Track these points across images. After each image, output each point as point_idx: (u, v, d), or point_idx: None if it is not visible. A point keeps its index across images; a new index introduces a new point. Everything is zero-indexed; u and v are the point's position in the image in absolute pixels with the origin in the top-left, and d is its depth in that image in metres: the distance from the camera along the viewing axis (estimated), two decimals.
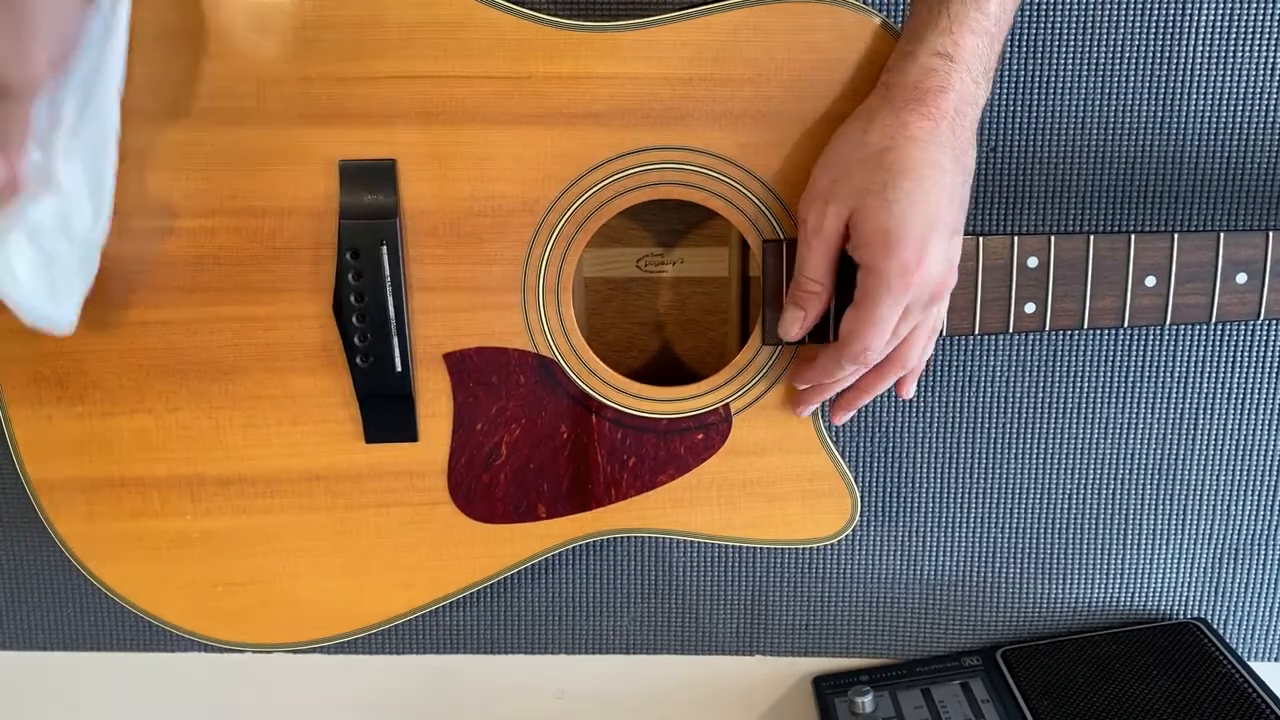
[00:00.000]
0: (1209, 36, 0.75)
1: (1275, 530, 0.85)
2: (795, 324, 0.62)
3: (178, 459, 0.67)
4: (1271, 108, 0.76)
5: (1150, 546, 0.86)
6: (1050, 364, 0.82)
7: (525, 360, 0.67)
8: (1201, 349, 0.81)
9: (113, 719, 0.91)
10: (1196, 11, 0.74)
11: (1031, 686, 0.81)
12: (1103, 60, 0.75)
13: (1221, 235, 0.65)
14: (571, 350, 0.67)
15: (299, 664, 0.89)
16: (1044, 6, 0.74)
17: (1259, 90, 0.76)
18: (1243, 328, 0.81)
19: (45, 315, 0.58)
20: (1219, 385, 0.82)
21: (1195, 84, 0.76)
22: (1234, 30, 0.75)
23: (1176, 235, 0.64)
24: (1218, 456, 0.83)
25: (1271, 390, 0.82)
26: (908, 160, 0.56)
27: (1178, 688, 0.78)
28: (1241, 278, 0.65)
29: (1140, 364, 0.82)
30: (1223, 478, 0.84)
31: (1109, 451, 0.83)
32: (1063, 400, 0.82)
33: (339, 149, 0.63)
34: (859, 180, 0.57)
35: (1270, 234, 0.65)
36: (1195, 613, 0.88)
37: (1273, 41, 0.75)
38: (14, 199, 0.54)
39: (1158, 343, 0.81)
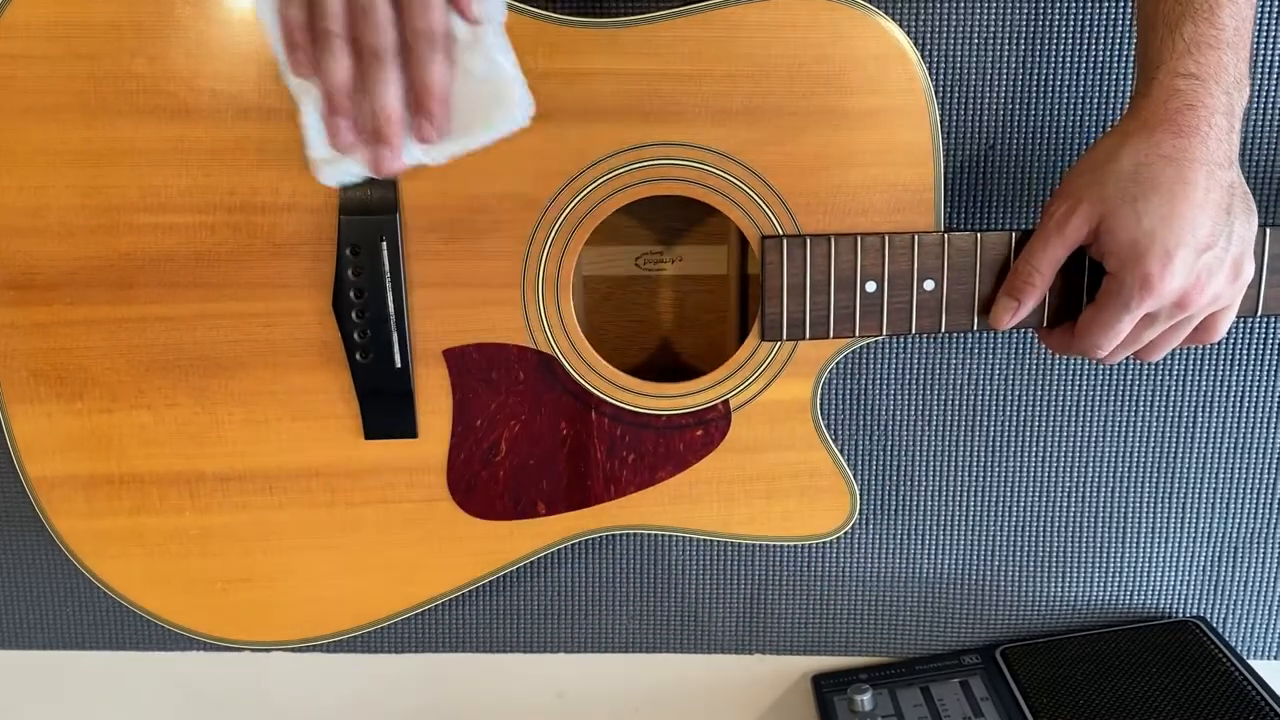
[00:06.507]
0: None
1: (1274, 528, 0.85)
2: (1007, 313, 0.65)
3: (177, 455, 0.67)
4: (1271, 107, 0.76)
5: (1149, 544, 0.86)
6: (1050, 362, 0.82)
7: (525, 356, 0.67)
8: (1200, 346, 0.81)
9: (113, 719, 0.91)
10: None
11: (1031, 684, 0.81)
12: (1103, 60, 0.75)
13: None
14: (571, 346, 0.67)
15: (299, 663, 0.89)
16: (1044, 7, 0.74)
17: (1258, 90, 0.76)
18: (1241, 324, 0.81)
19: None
20: (1218, 382, 0.82)
21: None
22: None
23: None
24: (1216, 454, 0.83)
25: (1270, 387, 0.82)
26: (1160, 177, 0.58)
27: (1177, 686, 0.78)
28: None
29: (1139, 362, 0.81)
30: (1221, 475, 0.84)
31: (1108, 449, 0.83)
32: (1062, 398, 0.82)
33: None
34: (1113, 189, 0.59)
35: (1268, 230, 0.65)
36: (1194, 610, 0.87)
37: (1273, 41, 0.75)
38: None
39: None
